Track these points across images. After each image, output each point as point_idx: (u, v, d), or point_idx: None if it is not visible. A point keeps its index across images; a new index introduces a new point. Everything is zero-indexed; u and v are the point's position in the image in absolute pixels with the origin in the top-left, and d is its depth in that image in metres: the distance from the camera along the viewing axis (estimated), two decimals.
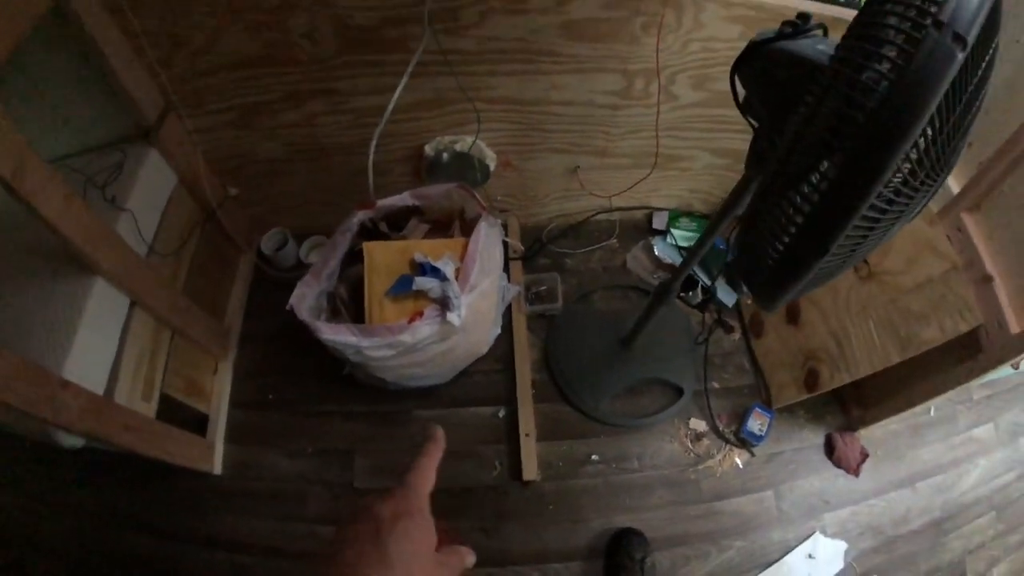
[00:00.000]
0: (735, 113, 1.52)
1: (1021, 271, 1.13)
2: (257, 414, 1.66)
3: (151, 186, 1.44)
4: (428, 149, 1.57)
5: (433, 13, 1.23)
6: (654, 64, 1.40)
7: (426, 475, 0.46)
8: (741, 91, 0.87)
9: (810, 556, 1.45)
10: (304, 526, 1.48)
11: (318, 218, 1.83)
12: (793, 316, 1.55)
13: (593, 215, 1.86)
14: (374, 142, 1.40)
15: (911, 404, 1.40)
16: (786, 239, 0.65)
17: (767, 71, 0.77)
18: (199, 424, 1.61)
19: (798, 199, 0.62)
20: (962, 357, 1.24)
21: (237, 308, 1.79)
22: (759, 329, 1.67)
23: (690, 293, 1.73)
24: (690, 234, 1.80)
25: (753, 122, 0.92)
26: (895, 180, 0.58)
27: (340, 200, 1.77)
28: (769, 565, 1.44)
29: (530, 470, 1.50)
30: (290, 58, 1.35)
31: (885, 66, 0.51)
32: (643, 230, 1.89)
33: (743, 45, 1.39)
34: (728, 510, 1.50)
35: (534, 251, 1.85)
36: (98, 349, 1.23)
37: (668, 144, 1.59)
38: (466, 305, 1.34)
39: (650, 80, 1.44)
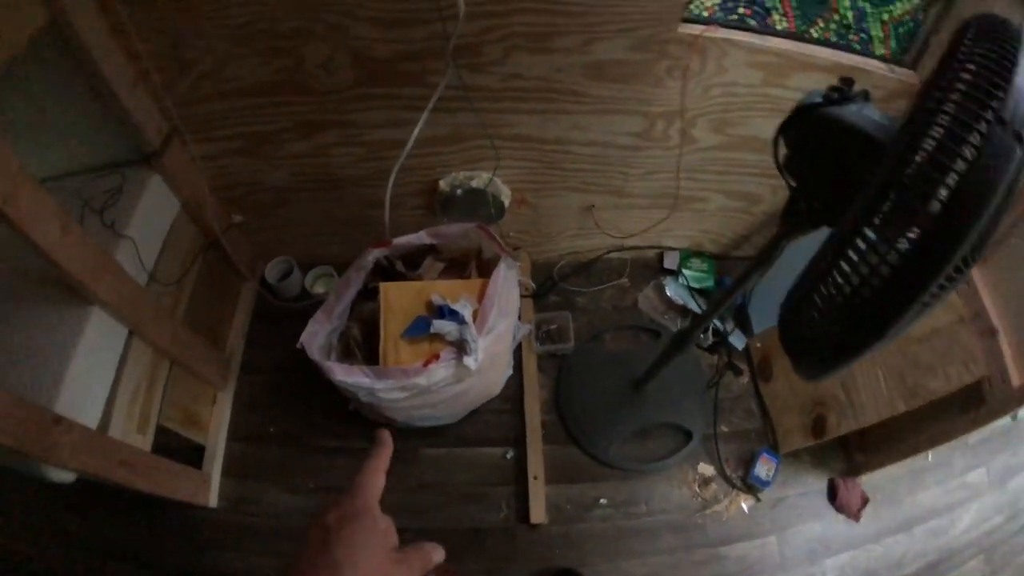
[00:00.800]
0: (750, 157, 1.55)
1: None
2: (257, 447, 1.62)
3: (153, 212, 1.40)
4: (443, 184, 1.54)
5: (457, 48, 1.20)
6: (675, 107, 1.40)
7: (373, 477, 0.47)
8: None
9: None
10: None
11: (325, 248, 1.79)
12: None
13: (605, 253, 1.85)
14: (392, 178, 1.37)
15: (915, 451, 1.42)
16: (844, 324, 0.65)
17: (812, 135, 0.78)
18: (194, 454, 1.57)
19: (858, 284, 0.61)
20: (965, 407, 1.25)
21: (238, 337, 1.75)
22: (768, 373, 1.67)
23: (702, 335, 1.73)
24: (701, 275, 1.81)
25: (791, 181, 0.92)
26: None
27: (348, 231, 1.74)
28: None
29: (538, 513, 1.49)
30: (303, 87, 1.31)
31: (960, 164, 0.51)
32: (654, 269, 1.89)
33: (764, 92, 1.41)
34: (732, 555, 1.50)
35: (545, 289, 1.84)
36: (93, 381, 1.18)
37: (684, 186, 1.59)
38: (483, 348, 1.32)
39: (670, 123, 1.44)
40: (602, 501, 1.54)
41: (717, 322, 1.72)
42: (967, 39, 0.58)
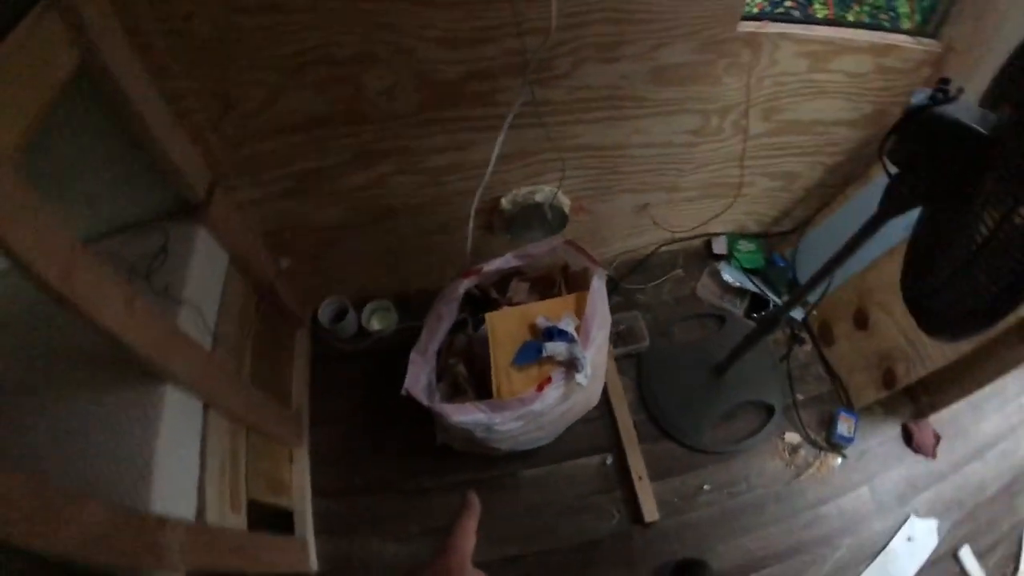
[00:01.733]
0: (794, 139, 1.62)
1: None
2: (347, 501, 1.55)
3: (205, 270, 1.27)
4: (505, 202, 1.52)
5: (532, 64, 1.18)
6: (731, 102, 1.44)
7: (464, 536, 0.48)
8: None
9: (909, 539, 1.56)
10: None
11: (376, 282, 1.73)
12: (862, 322, 1.66)
13: (657, 248, 1.88)
14: (475, 204, 1.34)
15: (979, 385, 1.53)
16: (998, 285, 0.72)
17: (919, 131, 0.86)
18: (280, 519, 1.48)
19: (1009, 255, 0.70)
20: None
21: (302, 389, 1.66)
22: (829, 338, 1.77)
23: (762, 313, 1.80)
24: (751, 255, 1.87)
25: (891, 168, 0.99)
26: None
27: (404, 263, 1.69)
28: (876, 555, 1.54)
29: (650, 511, 1.51)
30: (361, 116, 1.24)
31: None
32: (703, 256, 1.94)
33: (809, 78, 1.47)
34: (833, 512, 1.59)
35: (607, 291, 1.84)
36: (181, 467, 1.08)
37: (733, 174, 1.64)
38: (590, 363, 1.32)
39: (724, 117, 1.48)
40: (705, 487, 1.59)
41: (775, 298, 1.79)
42: None
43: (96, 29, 0.88)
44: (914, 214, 1.01)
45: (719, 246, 1.90)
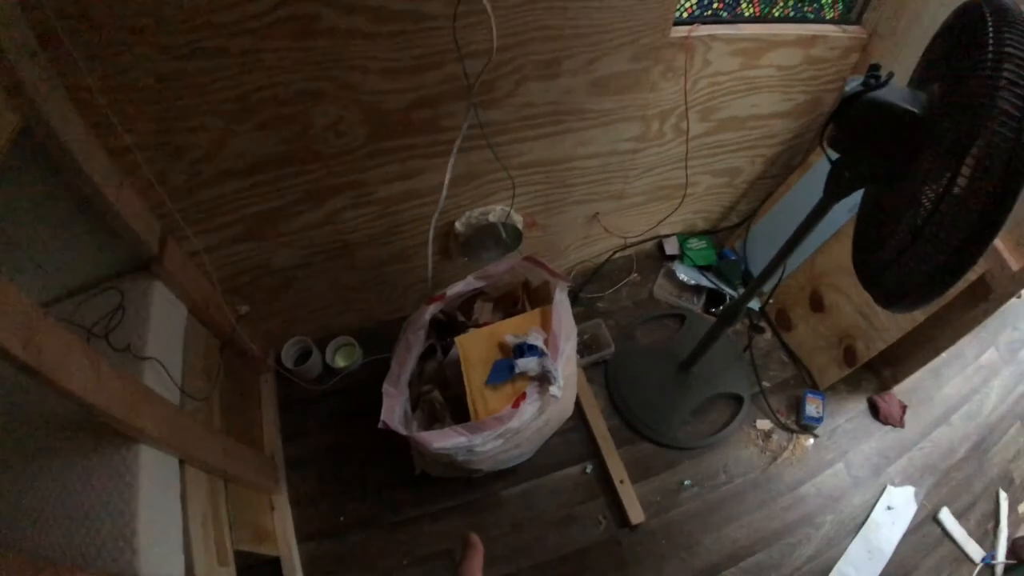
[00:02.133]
0: (731, 135, 1.68)
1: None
2: (332, 541, 1.53)
3: (165, 324, 1.25)
4: (459, 225, 1.53)
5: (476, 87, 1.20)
6: (669, 106, 1.48)
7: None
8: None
9: (889, 508, 1.61)
10: None
11: (338, 319, 1.72)
12: (817, 304, 1.71)
13: (612, 255, 1.92)
14: (432, 230, 1.34)
15: (937, 352, 1.62)
16: (946, 254, 0.77)
17: (855, 116, 0.90)
18: (268, 567, 1.45)
19: (951, 226, 0.75)
20: (975, 301, 1.44)
21: (274, 433, 1.62)
22: (787, 324, 1.82)
23: (720, 307, 1.84)
24: (702, 252, 1.92)
25: (831, 154, 1.04)
26: None
27: (363, 296, 1.69)
28: (859, 528, 1.59)
29: (636, 514, 1.53)
30: (310, 154, 1.24)
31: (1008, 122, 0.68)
32: (657, 258, 1.98)
33: (742, 75, 1.53)
34: (812, 492, 1.63)
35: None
36: (165, 526, 1.06)
37: (677, 176, 1.69)
38: (562, 374, 1.34)
39: (664, 120, 1.53)
40: (686, 483, 1.61)
41: (730, 291, 1.84)
42: (991, 25, 0.74)
43: (36, 90, 0.86)
44: (857, 196, 1.06)
45: (671, 247, 1.95)
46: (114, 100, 0.99)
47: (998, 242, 1.37)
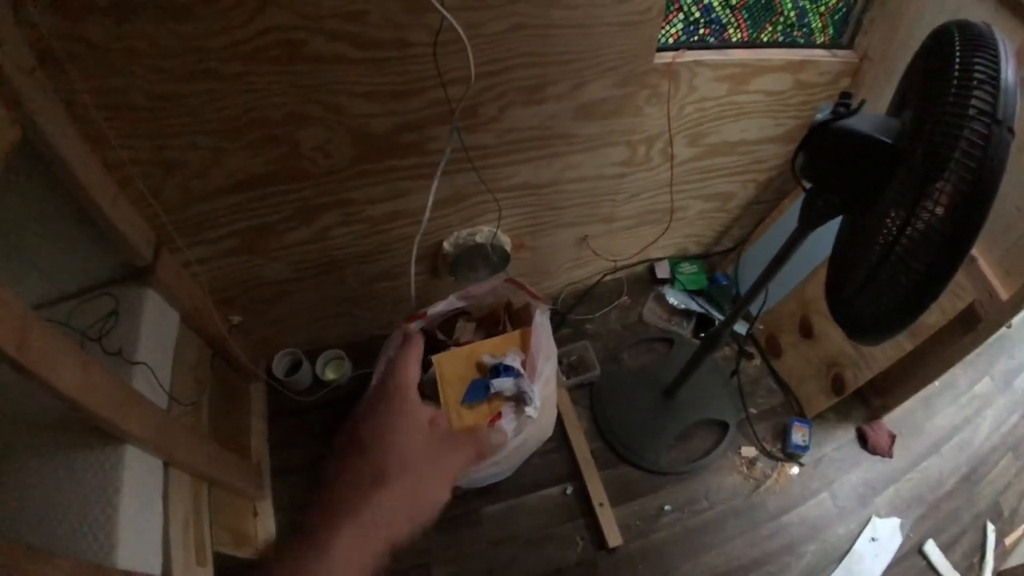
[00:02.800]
0: (721, 161, 1.69)
1: (995, 246, 1.33)
2: None
3: (157, 331, 1.30)
4: (447, 245, 1.56)
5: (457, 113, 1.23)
6: (655, 131, 1.50)
7: (404, 364, 0.47)
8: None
9: (873, 539, 1.59)
10: None
11: (328, 332, 1.75)
12: (807, 332, 1.71)
13: (601, 277, 1.93)
14: (415, 250, 1.37)
15: (927, 381, 1.58)
16: (910, 285, 0.76)
17: (825, 145, 0.89)
18: (249, 572, 1.48)
19: (917, 253, 0.75)
20: (964, 329, 1.42)
21: (261, 443, 1.66)
22: (776, 350, 1.81)
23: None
24: (694, 276, 1.93)
25: (806, 184, 1.04)
26: None
27: (353, 311, 1.72)
28: (842, 559, 1.56)
29: (613, 537, 1.53)
30: (300, 173, 1.28)
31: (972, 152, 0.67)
32: (647, 282, 1.99)
33: (730, 100, 1.54)
34: (795, 521, 1.61)
35: (555, 324, 1.88)
36: (145, 524, 1.09)
37: (666, 200, 1.70)
38: (539, 395, 1.35)
39: (651, 145, 1.54)
40: (666, 508, 1.61)
41: (720, 316, 1.84)
42: (958, 49, 0.73)
43: (35, 104, 0.91)
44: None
45: (662, 270, 1.96)
46: (110, 117, 1.03)
47: (987, 270, 1.35)
